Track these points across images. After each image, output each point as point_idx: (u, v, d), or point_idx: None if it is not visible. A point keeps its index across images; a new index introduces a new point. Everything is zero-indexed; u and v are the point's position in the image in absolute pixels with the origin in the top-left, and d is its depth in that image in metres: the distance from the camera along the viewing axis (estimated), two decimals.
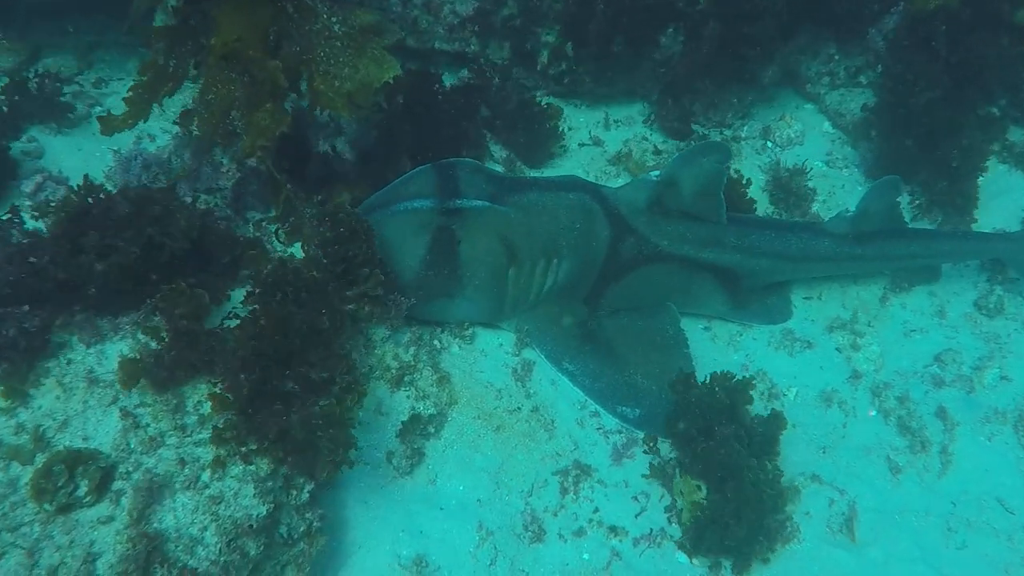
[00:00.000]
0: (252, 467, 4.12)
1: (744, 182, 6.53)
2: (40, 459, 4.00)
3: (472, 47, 7.17)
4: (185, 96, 5.88)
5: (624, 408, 5.21)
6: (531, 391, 5.32)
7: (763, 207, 6.80)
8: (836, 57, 7.45)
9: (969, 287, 6.43)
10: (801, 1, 6.97)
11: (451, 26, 7.08)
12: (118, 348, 4.38)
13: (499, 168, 6.62)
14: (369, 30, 5.13)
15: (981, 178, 6.89)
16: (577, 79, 7.17)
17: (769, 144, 7.34)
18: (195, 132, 5.35)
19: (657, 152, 7.03)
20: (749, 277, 5.86)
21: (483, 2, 6.95)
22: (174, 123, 5.52)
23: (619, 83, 7.31)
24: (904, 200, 6.50)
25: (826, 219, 6.23)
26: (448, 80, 6.97)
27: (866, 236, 5.87)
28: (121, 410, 4.20)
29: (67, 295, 4.46)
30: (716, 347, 5.88)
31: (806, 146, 7.33)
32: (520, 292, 5.36)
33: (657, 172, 5.53)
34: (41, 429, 4.12)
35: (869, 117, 7.12)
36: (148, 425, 4.19)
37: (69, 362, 4.40)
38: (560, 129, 7.04)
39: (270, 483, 4.12)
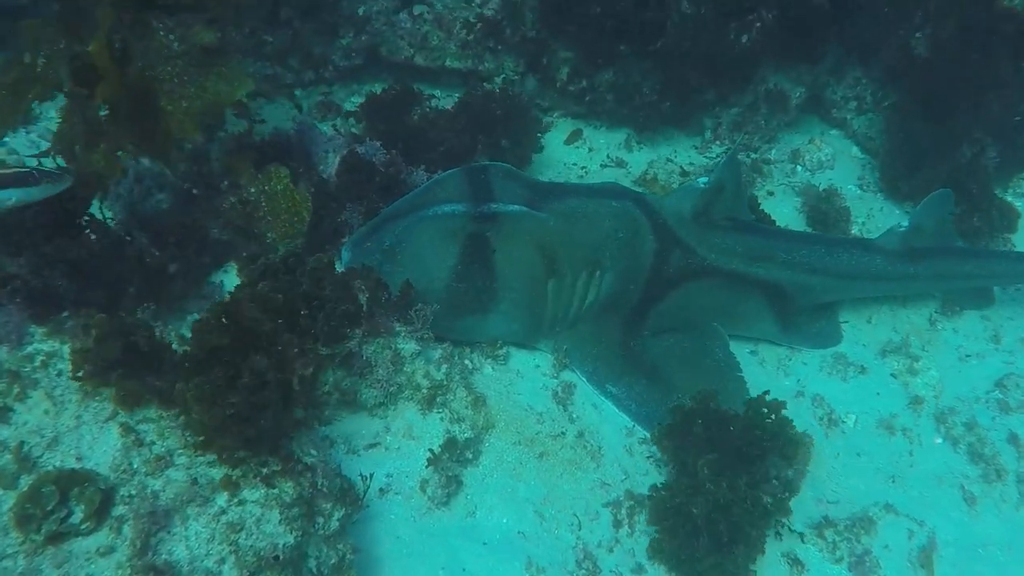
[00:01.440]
0: (275, 491, 3.55)
1: None
2: (25, 481, 3.43)
3: (486, 64, 6.82)
4: None
5: None
6: (574, 415, 4.78)
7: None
8: (863, 81, 7.19)
9: (1023, 312, 6.08)
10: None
11: (464, 42, 6.74)
12: None
13: None
14: (209, 50, 4.73)
15: (1020, 203, 6.66)
16: (598, 97, 6.78)
17: (799, 168, 7.03)
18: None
19: (684, 174, 6.65)
20: (799, 295, 5.42)
21: (497, 14, 6.63)
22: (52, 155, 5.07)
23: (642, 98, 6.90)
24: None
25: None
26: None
27: (919, 253, 5.51)
28: (121, 426, 3.66)
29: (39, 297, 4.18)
30: (765, 371, 5.41)
31: (837, 170, 7.06)
32: (560, 307, 4.89)
33: (705, 179, 5.13)
34: (26, 447, 3.55)
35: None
36: (154, 443, 3.64)
37: (59, 373, 3.88)
38: (540, 118, 6.52)
39: (296, 509, 3.54)
